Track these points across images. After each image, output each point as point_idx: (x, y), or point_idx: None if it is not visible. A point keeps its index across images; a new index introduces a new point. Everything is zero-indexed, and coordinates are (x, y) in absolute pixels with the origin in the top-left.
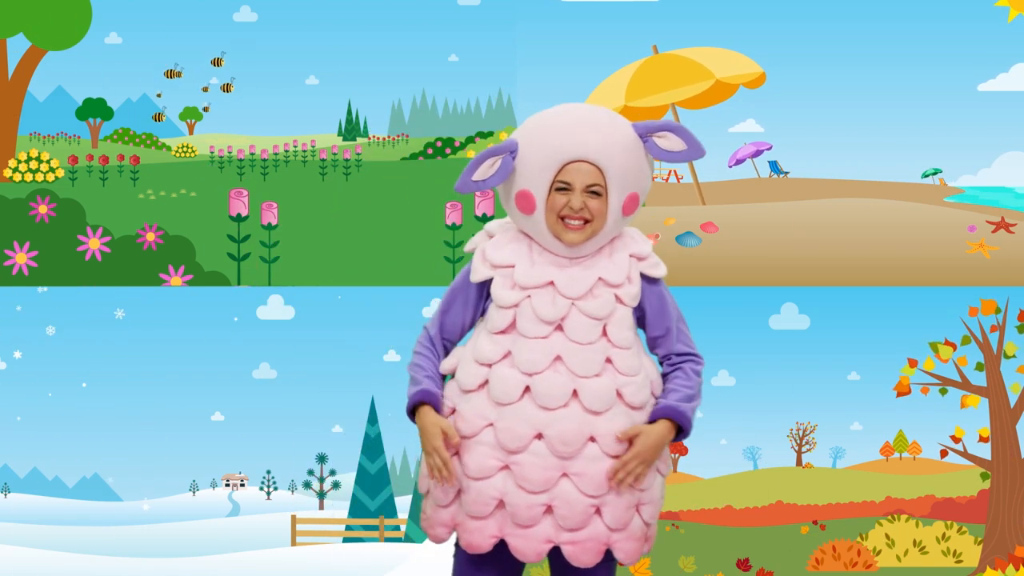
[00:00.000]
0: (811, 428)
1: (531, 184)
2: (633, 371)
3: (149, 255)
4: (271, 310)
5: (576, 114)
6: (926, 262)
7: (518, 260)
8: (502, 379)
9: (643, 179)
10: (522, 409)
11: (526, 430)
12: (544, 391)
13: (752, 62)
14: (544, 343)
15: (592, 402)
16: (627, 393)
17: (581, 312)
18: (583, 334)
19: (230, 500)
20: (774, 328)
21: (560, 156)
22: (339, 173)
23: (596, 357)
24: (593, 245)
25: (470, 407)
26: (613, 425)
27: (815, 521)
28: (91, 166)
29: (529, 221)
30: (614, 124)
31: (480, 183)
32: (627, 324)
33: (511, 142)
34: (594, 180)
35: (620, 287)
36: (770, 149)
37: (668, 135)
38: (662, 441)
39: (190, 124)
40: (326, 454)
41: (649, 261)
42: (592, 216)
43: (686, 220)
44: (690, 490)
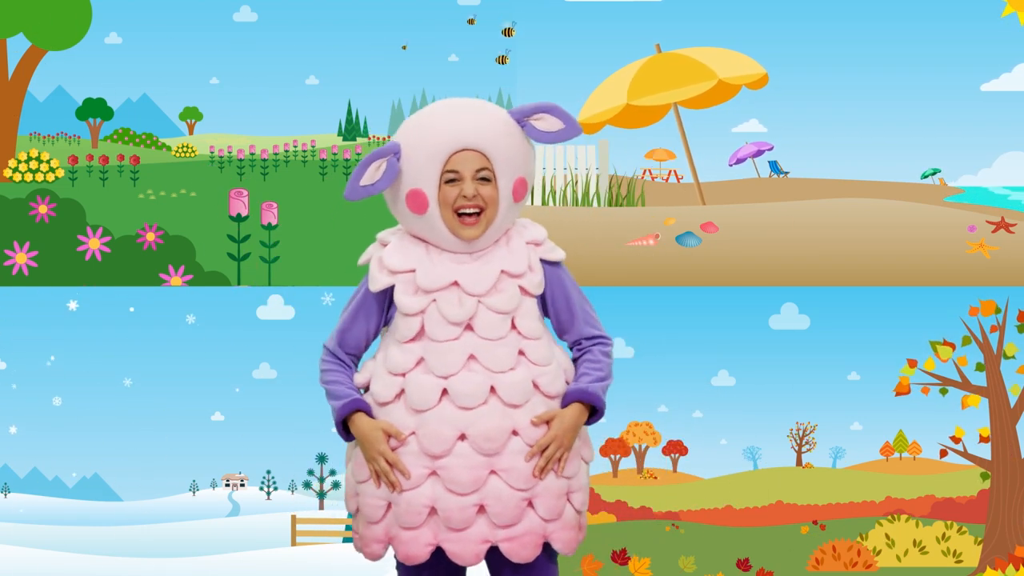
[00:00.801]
0: (811, 428)
1: (419, 181)
2: (546, 360)
3: (149, 255)
4: (271, 310)
5: (453, 105)
6: (926, 262)
7: (418, 264)
8: (419, 386)
9: (528, 163)
10: (442, 412)
11: (449, 432)
12: (462, 391)
13: (755, 63)
14: (456, 344)
15: (510, 396)
16: (543, 383)
17: (489, 309)
18: (493, 330)
19: (230, 500)
20: (774, 328)
21: (445, 147)
22: (339, 173)
23: (509, 351)
24: (489, 237)
25: (389, 419)
26: (531, 416)
27: (815, 521)
28: (91, 166)
29: (422, 221)
30: (491, 110)
31: (369, 187)
32: (534, 314)
33: (392, 144)
34: (481, 164)
35: (522, 277)
36: (771, 149)
37: (545, 116)
38: (576, 423)
39: (190, 124)
40: (326, 454)
41: (546, 246)
42: (485, 203)
43: (686, 220)
44: (690, 490)
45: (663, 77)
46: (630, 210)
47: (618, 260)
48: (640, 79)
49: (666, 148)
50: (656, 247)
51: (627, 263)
